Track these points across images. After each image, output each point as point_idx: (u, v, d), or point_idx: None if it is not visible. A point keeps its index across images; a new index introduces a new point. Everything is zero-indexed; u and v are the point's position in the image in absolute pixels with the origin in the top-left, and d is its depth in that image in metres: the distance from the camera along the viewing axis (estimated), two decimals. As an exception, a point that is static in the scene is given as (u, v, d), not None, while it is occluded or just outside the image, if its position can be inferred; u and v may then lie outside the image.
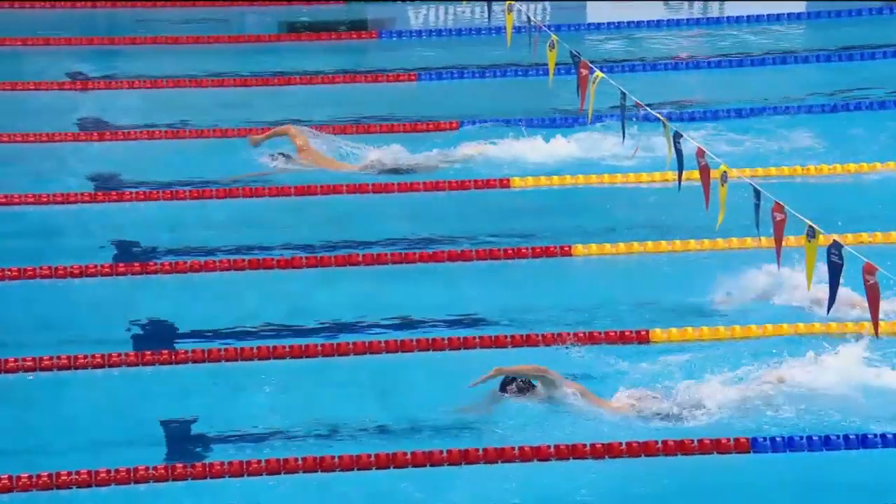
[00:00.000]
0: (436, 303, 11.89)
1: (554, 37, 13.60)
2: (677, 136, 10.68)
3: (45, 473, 9.21)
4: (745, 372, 10.31)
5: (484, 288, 12.19)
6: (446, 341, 11.09)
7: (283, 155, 14.73)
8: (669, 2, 20.82)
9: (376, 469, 9.39)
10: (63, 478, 9.19)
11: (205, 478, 9.34)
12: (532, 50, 14.75)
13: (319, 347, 11.02)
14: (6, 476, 9.12)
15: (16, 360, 10.69)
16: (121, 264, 12.51)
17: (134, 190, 13.96)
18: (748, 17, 20.31)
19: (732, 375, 10.26)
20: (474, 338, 11.13)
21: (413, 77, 17.85)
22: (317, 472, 9.38)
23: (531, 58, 16.05)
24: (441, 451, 9.41)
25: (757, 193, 9.59)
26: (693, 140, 10.75)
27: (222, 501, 9.18)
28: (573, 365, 10.57)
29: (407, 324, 11.48)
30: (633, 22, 20.19)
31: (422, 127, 15.90)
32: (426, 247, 12.89)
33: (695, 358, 10.63)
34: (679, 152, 10.67)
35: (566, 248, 12.87)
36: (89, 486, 9.21)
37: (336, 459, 9.38)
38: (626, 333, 11.15)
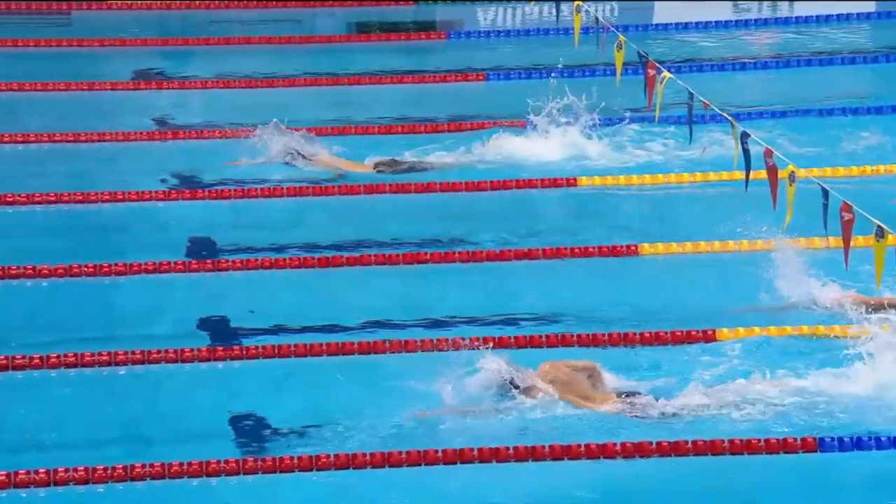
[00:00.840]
0: (509, 301, 11.92)
1: (622, 37, 13.58)
2: (745, 136, 10.65)
3: (120, 466, 9.33)
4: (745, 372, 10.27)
5: (549, 286, 12.20)
6: (512, 339, 11.13)
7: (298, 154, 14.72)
8: (739, 2, 20.72)
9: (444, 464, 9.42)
10: (146, 469, 9.31)
11: (275, 472, 9.43)
12: (600, 50, 14.74)
13: (388, 344, 11.08)
14: (101, 467, 9.24)
15: (92, 355, 10.82)
16: (193, 261, 12.63)
17: (206, 189, 14.08)
18: (817, 17, 20.17)
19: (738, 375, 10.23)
20: (540, 336, 11.15)
21: (481, 77, 17.88)
22: (385, 467, 9.45)
23: (600, 57, 16.02)
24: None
25: (825, 193, 9.54)
26: (760, 140, 10.71)
27: (298, 495, 9.27)
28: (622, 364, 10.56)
29: (470, 321, 11.52)
30: (702, 22, 20.11)
31: (489, 126, 15.92)
32: (495, 246, 12.91)
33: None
34: (746, 152, 10.64)
35: (633, 248, 12.86)
36: (162, 477, 9.32)
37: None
38: (692, 333, 11.13)
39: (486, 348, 10.21)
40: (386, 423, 9.80)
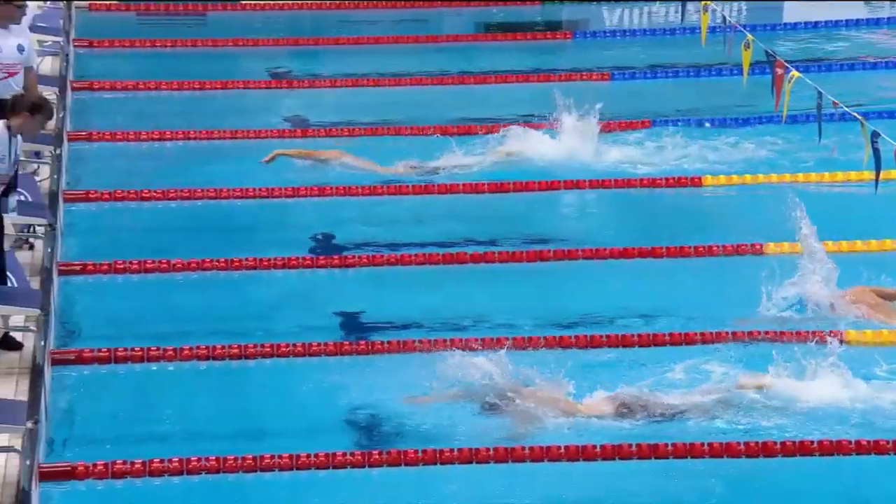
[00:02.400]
0: (629, 300, 11.85)
1: (749, 36, 13.40)
2: (875, 136, 10.46)
3: (250, 456, 9.43)
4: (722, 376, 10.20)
5: (673, 284, 12.10)
6: (636, 337, 11.05)
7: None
8: (871, 1, 20.33)
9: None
10: (266, 461, 9.40)
11: (400, 464, 9.47)
12: (727, 49, 14.57)
13: (509, 341, 11.06)
14: (214, 458, 9.38)
15: (223, 348, 10.95)
16: (321, 257, 12.73)
17: (333, 185, 14.17)
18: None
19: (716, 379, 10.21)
20: (664, 335, 11.08)
21: (606, 76, 17.78)
22: (489, 462, 9.43)
23: (726, 57, 15.84)
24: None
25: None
26: (891, 139, 10.52)
27: (422, 490, 9.30)
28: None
29: (586, 321, 11.47)
30: (832, 21, 19.78)
31: (614, 126, 15.83)
32: (615, 244, 12.82)
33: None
34: (877, 151, 10.45)
35: (757, 247, 12.70)
36: (290, 469, 9.40)
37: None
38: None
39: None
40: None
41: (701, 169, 14.73)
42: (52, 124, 11.59)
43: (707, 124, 15.79)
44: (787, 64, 12.53)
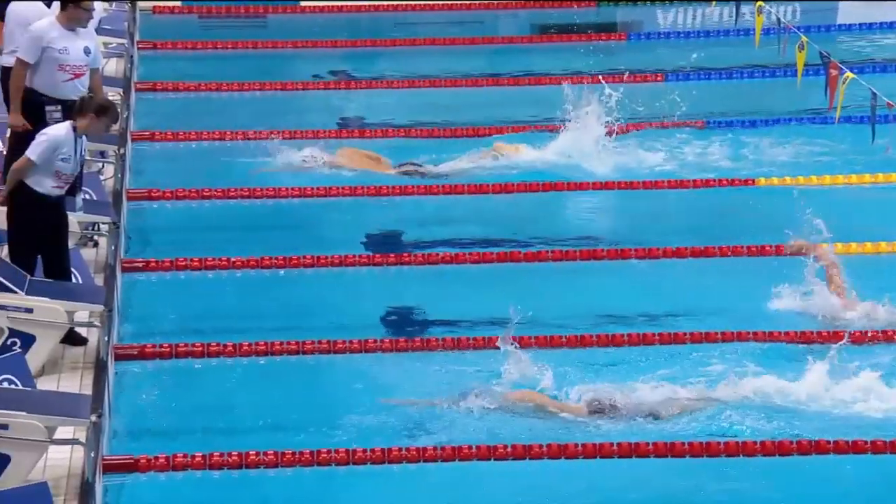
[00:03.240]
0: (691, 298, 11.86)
1: (804, 38, 13.36)
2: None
3: (307, 451, 9.53)
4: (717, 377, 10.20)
5: (728, 283, 12.09)
6: (703, 335, 11.08)
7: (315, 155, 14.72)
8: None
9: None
10: (323, 455, 9.50)
11: (454, 460, 9.53)
12: (781, 51, 14.52)
13: (564, 339, 11.10)
14: (272, 452, 9.48)
15: (281, 344, 11.05)
16: (377, 255, 12.81)
17: (390, 185, 14.24)
18: None
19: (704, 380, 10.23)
20: (716, 333, 11.08)
21: (660, 78, 17.76)
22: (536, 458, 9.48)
23: (780, 58, 15.79)
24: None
25: None
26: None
27: (482, 481, 9.36)
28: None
29: (652, 319, 11.49)
30: (886, 23, 19.63)
31: (668, 124, 15.81)
32: (669, 243, 12.82)
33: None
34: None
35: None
36: (346, 463, 9.49)
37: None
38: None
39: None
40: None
41: (754, 170, 14.69)
42: (116, 124, 11.72)
43: (761, 125, 15.75)
44: (841, 65, 12.48)
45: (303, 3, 20.45)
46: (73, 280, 10.89)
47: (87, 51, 11.82)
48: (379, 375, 10.70)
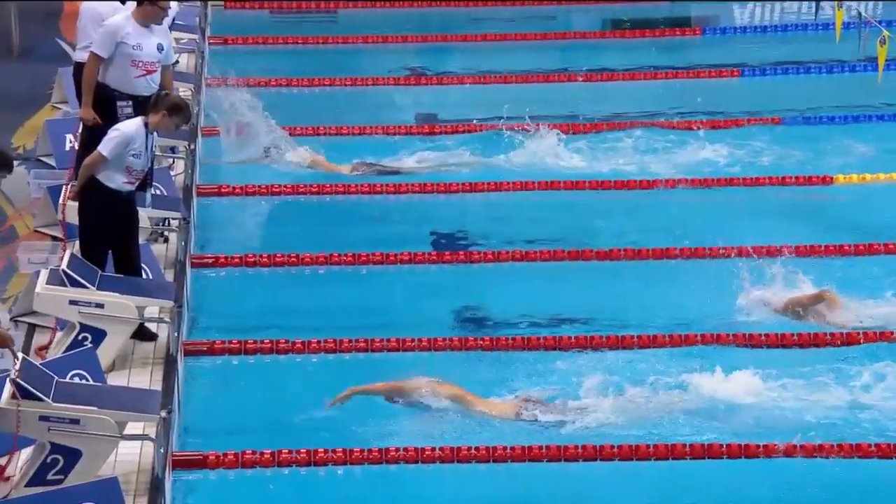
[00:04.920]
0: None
1: (885, 32, 13.24)
2: None
3: (376, 449, 9.59)
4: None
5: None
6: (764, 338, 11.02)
7: (276, 147, 14.70)
8: None
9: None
10: (392, 454, 9.55)
11: (524, 460, 9.55)
12: (862, 46, 14.39)
13: (636, 339, 11.08)
14: (341, 450, 9.56)
15: (350, 342, 11.11)
16: (447, 252, 12.84)
17: (460, 181, 14.25)
18: None
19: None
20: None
21: (736, 73, 17.66)
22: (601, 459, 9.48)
23: (860, 53, 15.65)
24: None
25: None
26: None
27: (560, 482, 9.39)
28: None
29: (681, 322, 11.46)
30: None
31: (742, 122, 15.72)
32: (744, 241, 12.73)
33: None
34: None
35: (891, 246, 12.57)
36: (415, 462, 9.53)
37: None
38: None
39: None
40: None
41: (832, 167, 14.57)
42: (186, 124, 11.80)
43: (839, 122, 15.61)
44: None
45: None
46: (144, 276, 11.00)
47: (160, 48, 11.93)
48: (448, 374, 10.72)
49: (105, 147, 10.58)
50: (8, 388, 8.52)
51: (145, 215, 11.51)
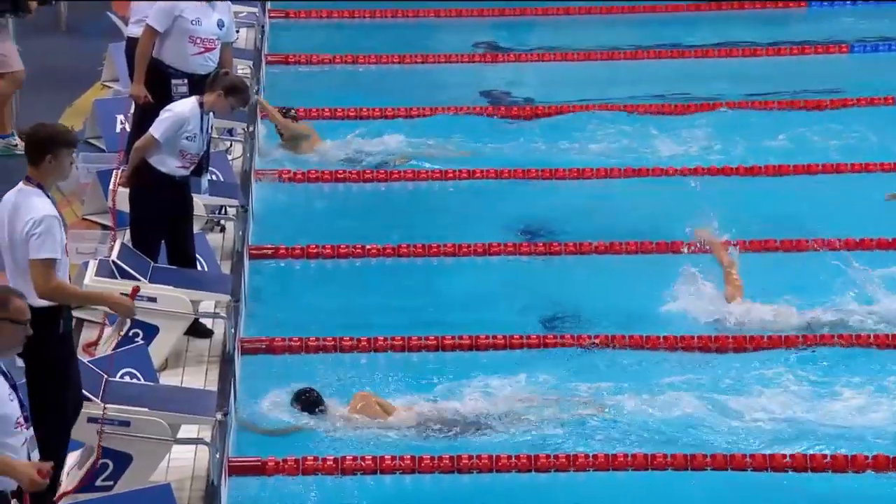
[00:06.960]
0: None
1: None
2: None
3: (447, 456, 9.69)
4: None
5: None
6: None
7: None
8: None
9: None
10: (464, 461, 9.64)
11: (584, 469, 9.62)
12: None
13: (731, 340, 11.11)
14: (409, 457, 9.68)
15: (419, 339, 11.20)
16: (524, 244, 12.89)
17: (538, 168, 14.27)
18: None
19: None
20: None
21: (845, 49, 17.58)
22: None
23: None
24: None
25: None
26: None
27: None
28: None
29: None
30: None
31: (851, 102, 15.65)
32: (849, 234, 12.70)
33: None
34: None
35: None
36: (489, 470, 9.63)
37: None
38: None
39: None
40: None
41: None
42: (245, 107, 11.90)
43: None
44: None
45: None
46: (199, 267, 11.13)
47: (220, 24, 12.04)
48: (520, 372, 10.77)
49: (157, 129, 10.70)
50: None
51: (200, 203, 11.62)
